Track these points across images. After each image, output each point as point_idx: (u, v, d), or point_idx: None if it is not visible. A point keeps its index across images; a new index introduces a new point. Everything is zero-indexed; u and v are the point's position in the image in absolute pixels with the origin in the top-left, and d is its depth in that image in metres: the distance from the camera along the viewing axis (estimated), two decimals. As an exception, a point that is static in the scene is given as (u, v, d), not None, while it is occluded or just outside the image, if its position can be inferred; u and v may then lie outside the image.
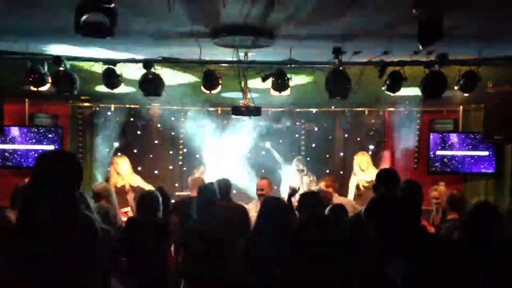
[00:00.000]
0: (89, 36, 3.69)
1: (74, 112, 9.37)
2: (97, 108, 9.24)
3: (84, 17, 3.57)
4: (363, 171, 8.46)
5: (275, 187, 9.71)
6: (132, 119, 9.55)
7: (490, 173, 8.98)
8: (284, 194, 8.74)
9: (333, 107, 9.55)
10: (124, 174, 8.16)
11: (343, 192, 8.22)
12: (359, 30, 5.10)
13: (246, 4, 4.17)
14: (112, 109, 9.26)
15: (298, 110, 9.57)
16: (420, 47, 4.10)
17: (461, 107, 9.12)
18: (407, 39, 4.79)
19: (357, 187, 8.59)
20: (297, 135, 10.14)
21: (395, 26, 4.83)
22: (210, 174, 8.86)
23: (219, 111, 9.44)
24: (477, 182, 9.19)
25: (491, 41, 5.46)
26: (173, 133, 10.03)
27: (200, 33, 5.13)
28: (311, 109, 9.71)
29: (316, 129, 10.14)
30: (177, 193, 9.07)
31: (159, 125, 9.76)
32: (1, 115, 6.84)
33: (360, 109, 9.40)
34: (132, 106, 9.29)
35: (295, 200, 6.13)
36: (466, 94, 6.39)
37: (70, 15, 3.69)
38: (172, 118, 9.72)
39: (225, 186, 6.12)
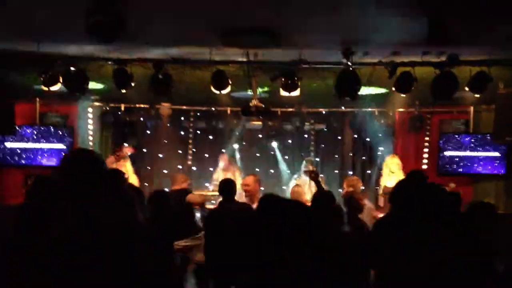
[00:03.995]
0: (98, 38, 3.71)
1: (84, 111, 9.42)
2: (107, 108, 9.28)
3: (93, 19, 3.58)
4: (393, 173, 8.31)
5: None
6: (142, 119, 9.58)
7: (501, 175, 8.91)
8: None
9: (342, 107, 9.52)
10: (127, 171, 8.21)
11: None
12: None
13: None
14: (122, 108, 9.30)
15: (307, 110, 9.54)
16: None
17: (471, 107, 9.05)
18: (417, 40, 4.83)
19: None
20: (306, 136, 10.12)
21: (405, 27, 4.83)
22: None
23: (229, 111, 9.44)
24: (488, 183, 9.10)
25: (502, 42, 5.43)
26: (182, 133, 10.05)
27: (210, 33, 5.16)
28: (320, 109, 9.69)
29: (325, 129, 10.12)
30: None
31: (168, 125, 9.76)
32: (12, 115, 6.86)
33: (369, 109, 9.36)
34: (142, 105, 9.31)
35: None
36: (477, 95, 6.34)
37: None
38: (182, 118, 9.76)
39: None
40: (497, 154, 8.82)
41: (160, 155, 9.97)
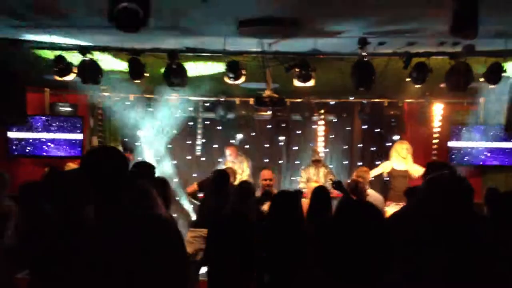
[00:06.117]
0: (122, 27, 3.67)
1: (93, 101, 9.39)
2: (117, 98, 9.25)
3: (117, 8, 3.55)
4: (404, 159, 8.37)
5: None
6: (150, 109, 9.53)
7: (510, 166, 8.89)
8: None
9: (351, 98, 9.48)
10: None
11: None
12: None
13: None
14: (131, 98, 9.26)
15: (316, 101, 9.50)
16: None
17: (482, 98, 9.02)
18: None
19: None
20: (315, 126, 10.09)
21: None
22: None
23: (238, 102, 9.41)
24: (497, 174, 9.09)
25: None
26: (191, 123, 10.01)
27: (225, 23, 5.12)
28: (329, 100, 9.65)
29: (334, 120, 10.09)
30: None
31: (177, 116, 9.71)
32: (24, 105, 6.84)
33: (379, 100, 9.33)
34: (151, 96, 9.26)
35: None
36: (491, 86, 6.30)
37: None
38: (190, 108, 9.73)
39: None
40: (507, 145, 8.81)
41: (169, 146, 9.96)
